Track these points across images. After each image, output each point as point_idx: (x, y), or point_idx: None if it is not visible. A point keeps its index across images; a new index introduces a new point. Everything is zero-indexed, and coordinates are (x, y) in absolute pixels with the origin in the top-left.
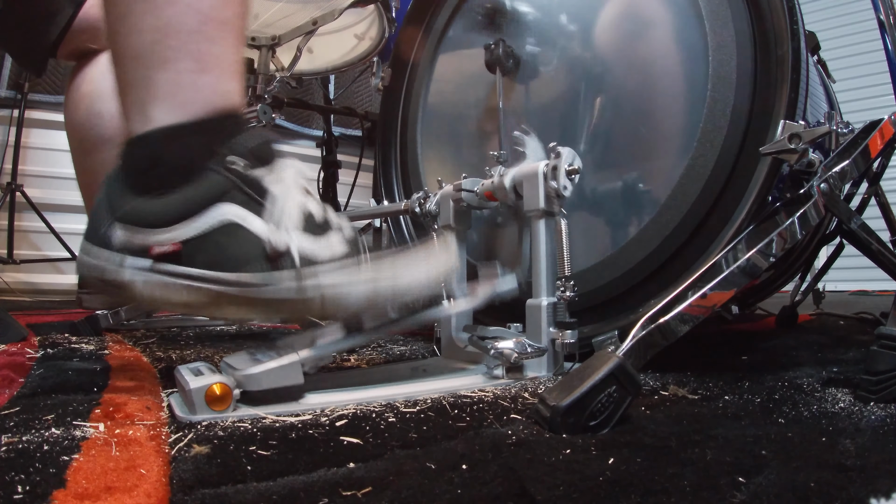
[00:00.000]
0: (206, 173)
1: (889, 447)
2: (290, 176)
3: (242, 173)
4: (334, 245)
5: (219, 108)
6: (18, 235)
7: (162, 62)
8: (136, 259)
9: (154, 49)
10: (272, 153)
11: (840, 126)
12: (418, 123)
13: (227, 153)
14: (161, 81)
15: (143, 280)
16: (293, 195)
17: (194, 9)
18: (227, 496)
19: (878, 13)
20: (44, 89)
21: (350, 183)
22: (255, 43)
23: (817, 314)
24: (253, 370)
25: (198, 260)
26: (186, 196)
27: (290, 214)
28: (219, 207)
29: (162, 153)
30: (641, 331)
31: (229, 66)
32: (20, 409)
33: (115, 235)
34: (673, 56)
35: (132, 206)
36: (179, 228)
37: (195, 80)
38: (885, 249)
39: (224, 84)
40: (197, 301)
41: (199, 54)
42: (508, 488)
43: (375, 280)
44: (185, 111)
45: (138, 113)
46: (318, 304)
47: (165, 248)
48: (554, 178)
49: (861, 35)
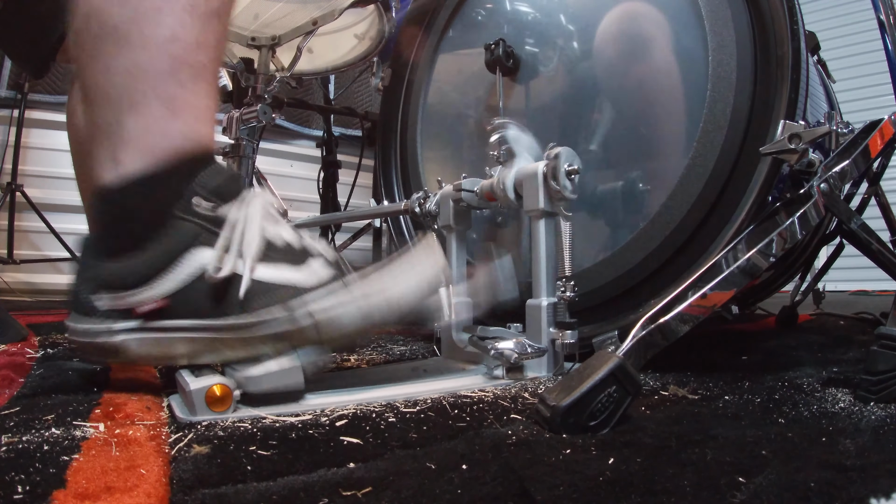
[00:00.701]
0: (174, 222)
1: (889, 447)
2: (252, 203)
3: (208, 215)
4: (318, 271)
5: (187, 152)
6: (18, 235)
7: (131, 106)
8: (125, 322)
9: (123, 93)
10: (237, 188)
11: (840, 126)
12: (418, 123)
13: (190, 196)
14: (130, 126)
15: (136, 341)
16: (252, 220)
17: (167, 53)
18: (227, 496)
19: (878, 13)
20: (44, 89)
21: (350, 183)
22: (255, 43)
23: (817, 314)
24: (253, 372)
25: (185, 311)
26: (158, 251)
27: (248, 240)
28: (192, 254)
29: (131, 205)
30: (641, 331)
31: (200, 112)
32: (20, 409)
33: (99, 303)
34: (673, 56)
35: (109, 270)
36: (160, 284)
37: (164, 126)
38: (885, 249)
39: (194, 129)
40: (195, 350)
41: (170, 100)
42: (508, 488)
43: (366, 297)
44: (154, 157)
45: (108, 157)
46: (313, 332)
47: (151, 305)
48: (555, 178)
49: (861, 35)
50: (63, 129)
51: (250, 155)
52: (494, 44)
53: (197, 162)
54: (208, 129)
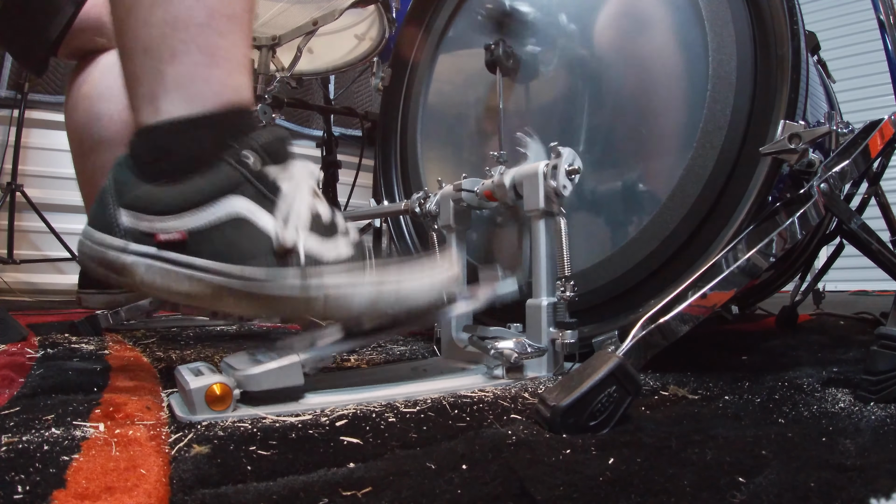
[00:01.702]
0: (219, 165)
1: (889, 447)
2: (301, 175)
3: (255, 168)
4: (340, 247)
5: (229, 102)
6: (18, 235)
7: (172, 55)
8: (141, 245)
9: (163, 42)
10: (286, 152)
11: (840, 126)
12: (418, 123)
13: (241, 147)
14: (171, 74)
15: (145, 266)
16: (303, 194)
17: (203, 3)
18: (227, 496)
19: (878, 13)
20: (44, 89)
21: (350, 183)
22: (255, 43)
23: (817, 314)
24: (253, 371)
25: (203, 250)
26: (197, 186)
27: (300, 213)
28: (229, 200)
29: (173, 143)
30: (641, 331)
31: (239, 61)
32: (20, 409)
33: (121, 220)
34: (673, 56)
35: (140, 191)
36: (187, 217)
37: (205, 74)
38: (885, 249)
39: (234, 78)
40: (199, 292)
41: (209, 48)
42: (508, 488)
43: (379, 284)
44: (196, 104)
45: (148, 105)
46: (320, 304)
47: (171, 235)
48: (553, 177)
49: (861, 35)
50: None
51: None
52: (494, 44)
53: (240, 112)
54: (247, 78)
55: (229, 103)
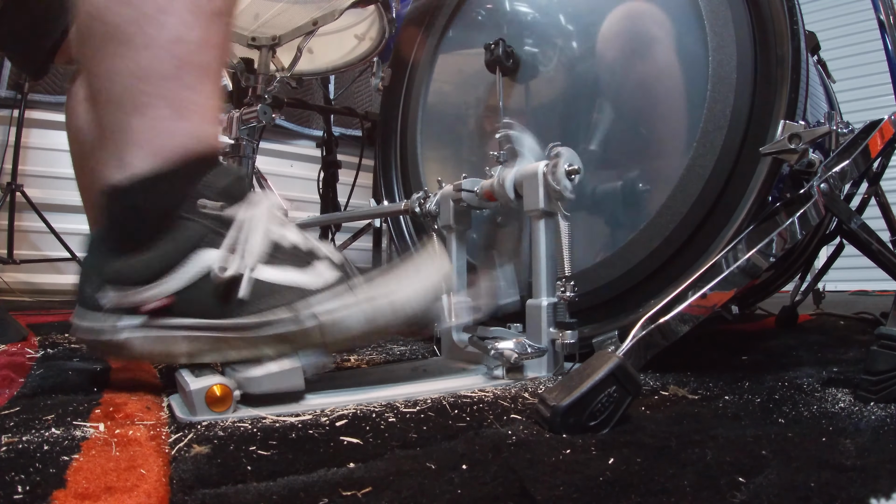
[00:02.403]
0: (181, 222)
1: (889, 447)
2: (259, 205)
3: (215, 215)
4: (323, 273)
5: (194, 152)
6: (18, 235)
7: (136, 108)
8: (130, 318)
9: (129, 94)
10: (243, 189)
11: (840, 126)
12: (418, 123)
13: (197, 196)
14: (136, 127)
15: (141, 339)
16: (259, 222)
17: (171, 54)
18: (227, 496)
19: (878, 13)
20: (44, 89)
21: (350, 183)
22: (255, 43)
23: (817, 314)
24: (254, 373)
25: (191, 309)
26: (166, 249)
27: (252, 242)
28: (198, 255)
29: (138, 204)
30: (641, 331)
31: (206, 112)
32: (20, 409)
33: (106, 298)
34: (673, 56)
35: (116, 266)
36: (166, 282)
37: (171, 127)
38: (885, 249)
39: (200, 130)
40: (199, 349)
41: (176, 101)
42: (508, 488)
43: (371, 300)
44: (161, 158)
45: (115, 158)
46: (317, 334)
47: (157, 303)
48: (554, 178)
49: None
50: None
51: (250, 155)
52: (494, 44)
53: (203, 162)
54: (214, 129)
55: (193, 154)
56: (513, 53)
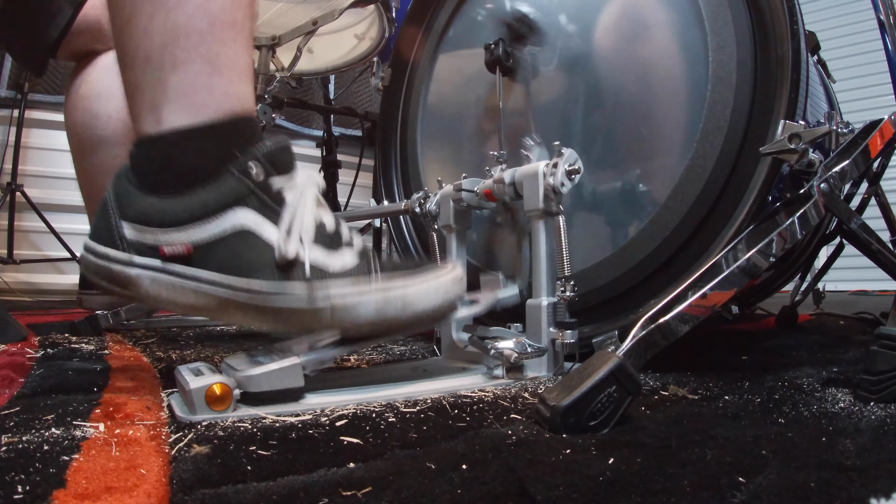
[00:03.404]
0: (223, 176)
1: (889, 447)
2: (306, 185)
3: (259, 180)
4: (345, 257)
5: (232, 111)
6: (18, 235)
7: (173, 64)
8: (145, 258)
9: (164, 51)
10: (290, 161)
11: (840, 126)
12: (418, 123)
13: (246, 158)
14: (173, 83)
15: (150, 279)
16: (308, 205)
17: (204, 10)
18: (227, 496)
19: (878, 13)
20: (44, 89)
21: (350, 183)
22: (255, 43)
23: (817, 314)
24: (253, 371)
25: (209, 263)
26: (201, 198)
27: (304, 224)
28: (234, 212)
29: (177, 154)
30: (641, 331)
31: (241, 69)
32: (20, 409)
33: (124, 233)
34: (673, 56)
35: (143, 204)
36: (192, 230)
37: (208, 83)
38: (885, 249)
39: (236, 87)
40: (204, 304)
41: (211, 56)
42: (508, 488)
43: (385, 291)
44: (199, 113)
45: (150, 114)
46: (327, 315)
47: (176, 248)
48: (553, 175)
49: (861, 35)
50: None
51: None
52: (494, 44)
53: (244, 122)
54: (249, 86)
55: (232, 112)
56: (513, 53)
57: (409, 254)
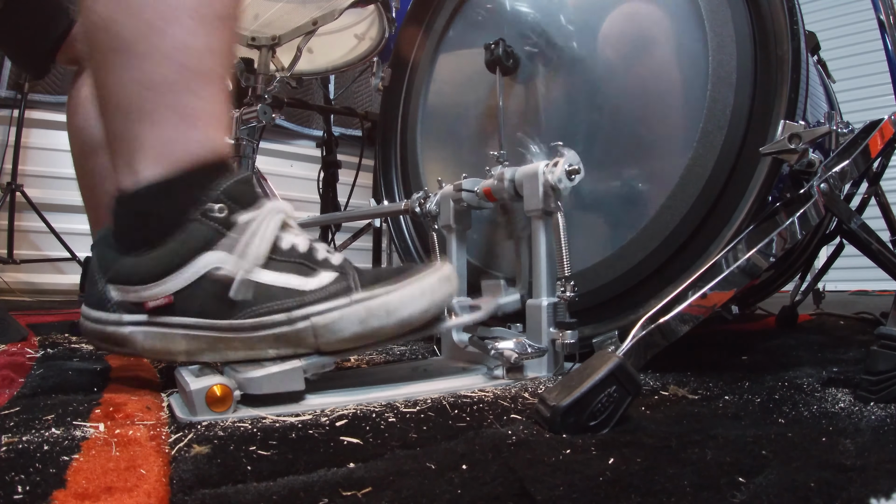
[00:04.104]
0: (191, 224)
1: (889, 447)
2: (269, 214)
3: (224, 219)
4: (321, 276)
5: (202, 159)
6: (18, 235)
7: (144, 116)
8: (133, 315)
9: (137, 103)
10: (252, 193)
11: (840, 126)
12: (418, 123)
13: (207, 201)
14: (144, 135)
15: (142, 334)
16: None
17: (176, 62)
18: (227, 496)
19: (878, 13)
20: (44, 89)
21: (350, 183)
22: (255, 43)
23: (817, 314)
24: (254, 374)
25: (190, 309)
26: (172, 250)
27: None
28: (204, 257)
29: (148, 210)
30: (641, 331)
31: (214, 118)
32: (20, 409)
33: (111, 295)
34: (673, 56)
35: (122, 265)
36: (169, 282)
37: (179, 135)
38: (885, 249)
39: (209, 136)
40: (197, 348)
41: (184, 109)
42: (508, 488)
43: (365, 303)
44: (170, 164)
45: (125, 166)
46: (310, 335)
47: (158, 301)
48: (555, 178)
49: (861, 35)
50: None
51: (250, 155)
52: (494, 44)
53: (213, 168)
54: (222, 134)
55: (202, 160)
56: (513, 53)
57: (409, 254)
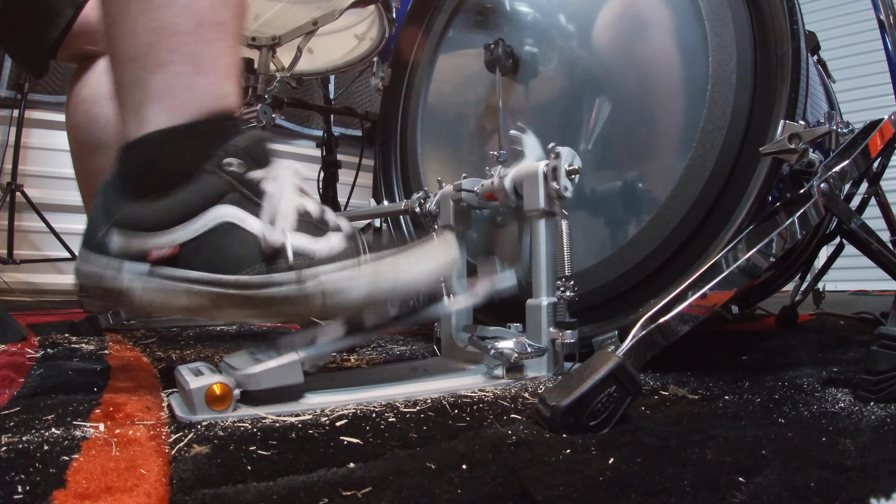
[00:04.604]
0: (203, 176)
1: (889, 447)
2: (285, 176)
3: (239, 174)
4: (333, 243)
5: (214, 109)
6: (18, 235)
7: (157, 64)
8: (134, 264)
9: (149, 51)
10: (268, 154)
11: (840, 126)
12: (418, 123)
13: (224, 155)
14: (156, 84)
15: (141, 285)
16: (288, 194)
17: (190, 10)
18: (227, 496)
19: (878, 13)
20: (44, 89)
21: (350, 183)
22: (255, 43)
23: (817, 314)
24: (253, 370)
25: (196, 262)
26: (183, 199)
27: (285, 212)
28: (217, 209)
29: (158, 156)
30: (641, 331)
31: (226, 69)
32: (20, 409)
33: (112, 241)
34: (673, 56)
35: (128, 210)
36: (177, 231)
37: (191, 83)
38: (885, 249)
39: (220, 86)
40: (197, 304)
41: (195, 56)
42: (508, 488)
43: (376, 275)
44: (181, 113)
45: (134, 116)
46: (319, 301)
47: (163, 251)
48: (555, 178)
49: (861, 35)
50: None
51: None
52: (494, 44)
53: (224, 119)
54: (233, 86)
55: (213, 111)
56: (513, 53)
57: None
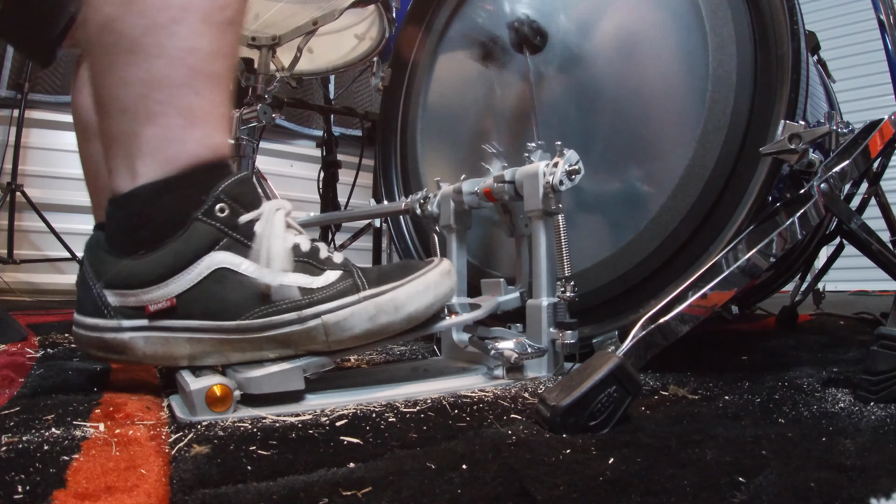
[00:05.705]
0: (195, 225)
1: (889, 447)
2: (276, 215)
3: (229, 219)
4: (327, 275)
5: (203, 160)
6: (18, 235)
7: (149, 116)
8: (133, 320)
9: (141, 103)
10: (257, 195)
11: (840, 126)
12: (418, 123)
13: (213, 202)
14: (147, 136)
15: (143, 339)
16: (279, 233)
17: (183, 62)
18: (227, 496)
19: (878, 13)
20: (44, 89)
21: (350, 183)
22: (255, 43)
23: (817, 314)
24: (254, 373)
25: (194, 311)
26: (176, 250)
27: (278, 252)
28: (209, 257)
29: (149, 210)
30: (641, 331)
31: (217, 120)
32: (20, 409)
33: (107, 300)
34: (673, 56)
35: (120, 268)
36: (172, 284)
37: (182, 135)
38: (885, 249)
39: (212, 138)
40: (201, 351)
41: (187, 109)
42: (508, 488)
43: (377, 309)
44: (172, 166)
45: (125, 168)
46: (321, 339)
47: (160, 305)
48: (552, 174)
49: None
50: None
51: (250, 155)
52: (518, 22)
53: (214, 169)
54: (224, 137)
55: (203, 160)
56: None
57: (409, 254)
